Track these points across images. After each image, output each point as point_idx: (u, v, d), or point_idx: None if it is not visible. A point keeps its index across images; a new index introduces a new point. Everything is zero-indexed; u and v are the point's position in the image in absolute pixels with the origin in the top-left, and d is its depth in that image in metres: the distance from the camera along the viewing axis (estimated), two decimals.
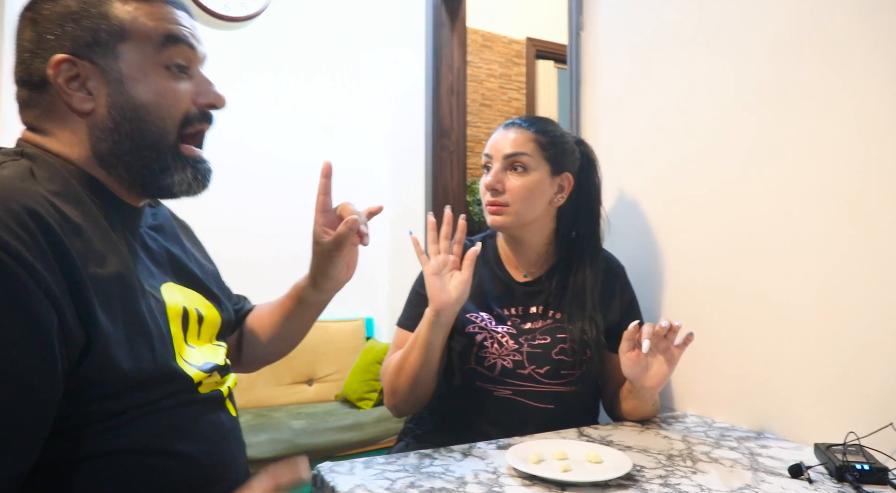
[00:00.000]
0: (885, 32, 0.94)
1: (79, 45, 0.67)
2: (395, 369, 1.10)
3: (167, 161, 0.71)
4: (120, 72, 0.68)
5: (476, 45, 3.57)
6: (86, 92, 0.67)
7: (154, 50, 0.69)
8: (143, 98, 0.69)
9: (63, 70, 0.66)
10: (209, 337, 0.81)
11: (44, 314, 0.57)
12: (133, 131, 0.69)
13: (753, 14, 1.15)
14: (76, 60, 0.66)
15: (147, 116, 0.69)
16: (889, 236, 0.94)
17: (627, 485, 0.82)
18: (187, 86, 0.72)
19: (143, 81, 0.68)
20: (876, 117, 0.96)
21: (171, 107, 0.70)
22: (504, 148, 1.14)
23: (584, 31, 1.56)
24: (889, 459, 0.87)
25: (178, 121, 0.71)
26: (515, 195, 1.13)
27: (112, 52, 0.67)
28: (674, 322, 0.97)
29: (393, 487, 0.79)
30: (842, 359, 1.00)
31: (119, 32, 0.68)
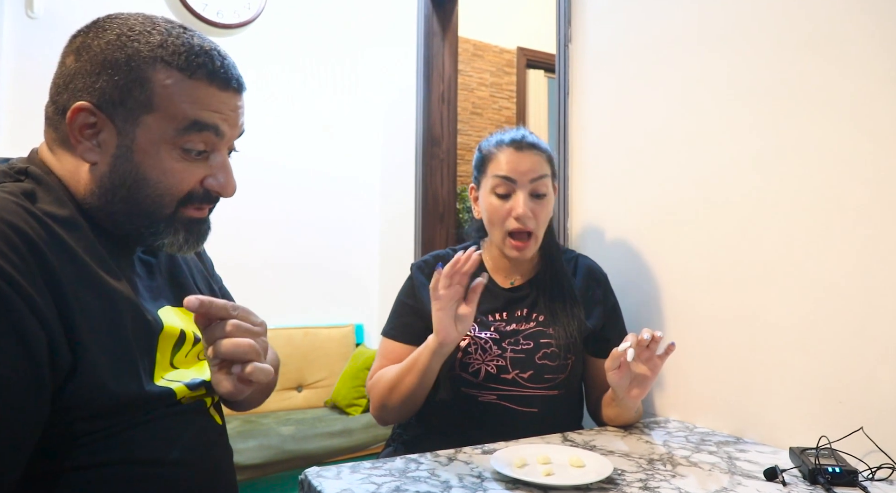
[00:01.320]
0: (888, 32, 0.95)
1: (106, 99, 0.66)
2: (388, 387, 1.11)
3: (159, 228, 0.71)
4: (133, 140, 0.67)
5: (467, 54, 3.61)
6: (95, 144, 0.67)
7: (175, 131, 0.68)
8: (147, 173, 0.68)
9: (81, 116, 0.66)
10: (198, 354, 0.81)
11: (33, 334, 0.57)
12: (128, 198, 0.68)
13: (746, 21, 1.17)
14: (97, 113, 0.66)
15: (146, 189, 0.68)
16: (862, 246, 0.97)
17: (608, 488, 0.84)
18: (201, 168, 0.72)
19: (152, 156, 0.68)
20: (878, 124, 0.97)
21: (174, 186, 0.70)
22: (528, 172, 1.14)
23: (573, 43, 1.59)
24: (859, 462, 0.90)
25: (178, 198, 0.71)
26: (541, 222, 1.16)
27: (134, 120, 0.67)
28: (656, 333, 0.99)
29: (379, 491, 0.81)
30: (817, 367, 1.03)
31: (147, 104, 0.67)
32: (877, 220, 0.96)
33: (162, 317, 0.74)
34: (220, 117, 0.71)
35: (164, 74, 0.67)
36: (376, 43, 2.87)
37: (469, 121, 3.65)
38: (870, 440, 0.92)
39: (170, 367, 0.74)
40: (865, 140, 0.98)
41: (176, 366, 0.75)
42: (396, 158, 2.73)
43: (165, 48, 0.67)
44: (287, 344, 2.49)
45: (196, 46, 0.69)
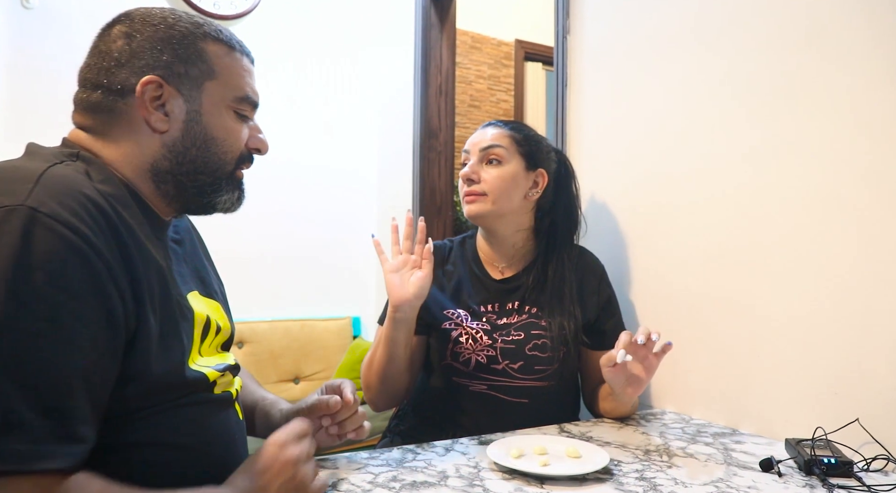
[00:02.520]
0: (885, 28, 0.95)
1: (171, 72, 0.73)
2: (366, 366, 1.16)
3: (221, 185, 0.78)
4: (200, 104, 0.75)
5: (465, 46, 3.59)
6: (164, 113, 0.73)
7: (232, 97, 0.77)
8: (215, 132, 0.76)
9: (150, 89, 0.71)
10: (217, 346, 0.83)
11: (113, 301, 0.60)
12: (197, 157, 0.75)
13: (744, 16, 1.16)
14: (164, 84, 0.72)
15: (214, 148, 0.76)
16: (859, 239, 0.98)
17: (604, 479, 0.84)
18: (245, 129, 0.80)
19: (217, 117, 0.76)
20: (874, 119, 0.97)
21: (233, 144, 0.78)
22: (481, 143, 1.20)
23: (571, 34, 1.59)
24: (855, 453, 0.91)
25: (236, 157, 0.79)
26: (491, 185, 1.18)
27: (199, 87, 0.75)
28: (651, 334, 0.98)
29: (375, 481, 0.81)
30: (813, 359, 1.03)
31: (209, 72, 0.75)
32: (873, 213, 0.96)
33: (192, 302, 0.76)
34: (255, 89, 0.81)
35: (214, 47, 0.76)
36: (374, 36, 2.85)
37: (467, 114, 3.64)
38: (865, 432, 0.92)
39: (198, 354, 0.76)
40: (861, 134, 0.98)
41: (202, 354, 0.77)
42: (394, 150, 2.72)
43: (208, 27, 0.77)
44: (284, 336, 2.49)
45: (223, 28, 0.79)
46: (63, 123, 0.78)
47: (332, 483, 0.80)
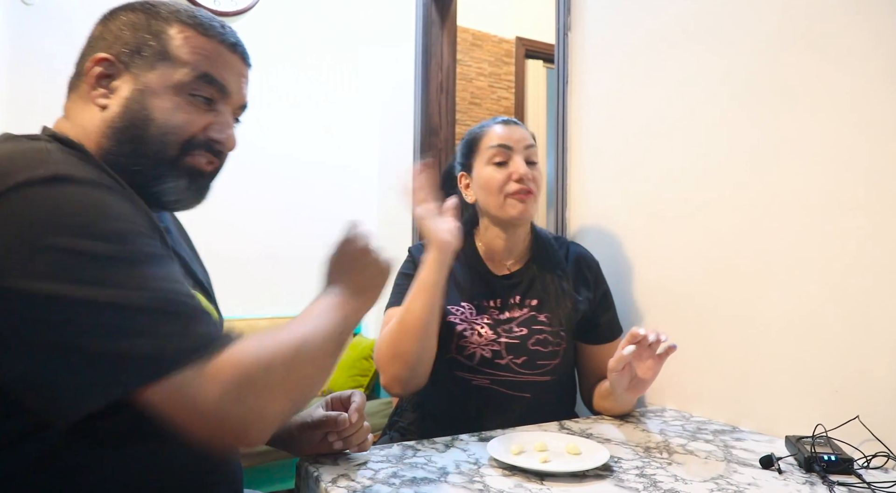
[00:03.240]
0: (885, 29, 0.95)
1: (125, 50, 0.72)
2: (397, 330, 1.04)
3: (163, 170, 0.73)
4: (147, 84, 0.72)
5: (466, 43, 3.59)
6: (109, 90, 0.72)
7: (186, 79, 0.73)
8: (154, 113, 0.72)
9: (101, 66, 0.72)
10: None
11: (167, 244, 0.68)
12: (135, 138, 0.72)
13: (746, 14, 1.16)
14: (113, 60, 0.72)
15: (152, 129, 0.72)
16: (858, 238, 0.97)
17: (605, 475, 0.84)
18: (206, 116, 0.75)
19: (161, 98, 0.72)
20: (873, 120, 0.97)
21: (178, 127, 0.73)
22: (521, 140, 1.19)
23: (572, 31, 1.58)
24: (855, 450, 0.91)
25: (182, 140, 0.73)
26: (538, 184, 1.19)
27: (149, 67, 0.72)
28: (661, 335, 0.98)
29: (376, 477, 0.81)
30: (813, 357, 1.03)
31: (162, 53, 0.72)
32: (872, 213, 0.96)
33: None
34: (228, 77, 0.76)
35: (179, 29, 0.73)
36: (374, 33, 2.85)
37: (467, 111, 3.63)
38: (866, 429, 0.92)
39: None
40: (861, 135, 0.98)
41: None
42: (394, 148, 2.72)
43: (185, 12, 0.75)
44: None
45: (211, 17, 0.77)
46: None
47: (331, 479, 0.80)
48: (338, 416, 0.84)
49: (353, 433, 0.86)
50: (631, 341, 0.98)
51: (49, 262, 0.55)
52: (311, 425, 0.85)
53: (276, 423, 0.62)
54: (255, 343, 0.62)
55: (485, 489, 0.78)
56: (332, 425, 0.84)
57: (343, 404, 0.90)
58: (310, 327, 0.68)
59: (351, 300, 0.76)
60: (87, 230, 0.57)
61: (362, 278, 0.79)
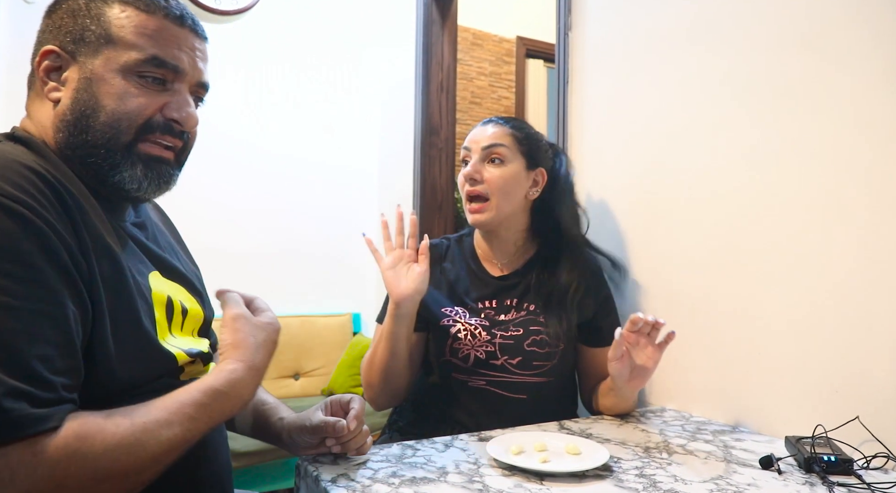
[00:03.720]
0: (885, 29, 0.95)
1: (68, 39, 0.70)
2: (368, 364, 1.15)
3: (117, 159, 0.71)
4: (93, 71, 0.70)
5: (466, 43, 3.59)
6: (60, 82, 0.71)
7: (133, 62, 0.70)
8: (103, 100, 0.69)
9: (48, 59, 0.71)
10: (192, 331, 0.82)
11: (69, 265, 0.60)
12: (87, 128, 0.69)
13: (746, 14, 1.16)
14: (60, 53, 0.70)
15: (102, 116, 0.69)
16: (858, 238, 0.97)
17: (604, 475, 0.84)
18: (160, 97, 0.72)
19: (109, 84, 0.70)
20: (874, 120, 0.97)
21: (130, 112, 0.70)
22: (482, 140, 1.18)
23: (573, 31, 1.58)
24: (855, 451, 0.91)
25: (137, 126, 0.71)
26: (493, 186, 1.16)
27: (95, 52, 0.70)
28: (659, 320, 0.98)
29: (375, 476, 0.81)
30: (813, 357, 1.03)
31: (105, 37, 0.70)
32: (874, 213, 0.95)
33: (151, 281, 0.75)
34: (178, 54, 0.73)
35: (119, 9, 0.71)
36: (375, 32, 2.85)
37: (468, 110, 3.63)
38: (865, 430, 0.92)
39: (168, 332, 0.75)
40: (861, 135, 0.97)
41: (173, 333, 0.76)
42: (395, 147, 2.72)
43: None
44: (284, 332, 2.45)
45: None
46: None
47: (331, 479, 0.80)
48: (336, 423, 0.83)
49: (352, 438, 0.85)
50: (631, 328, 0.98)
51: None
52: (309, 429, 0.85)
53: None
54: (62, 442, 0.55)
55: (484, 489, 0.78)
56: (330, 431, 0.83)
57: (343, 408, 0.89)
58: (158, 427, 0.61)
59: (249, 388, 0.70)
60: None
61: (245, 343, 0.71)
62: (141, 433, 0.59)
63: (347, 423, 0.83)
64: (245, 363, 0.69)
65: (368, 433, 0.89)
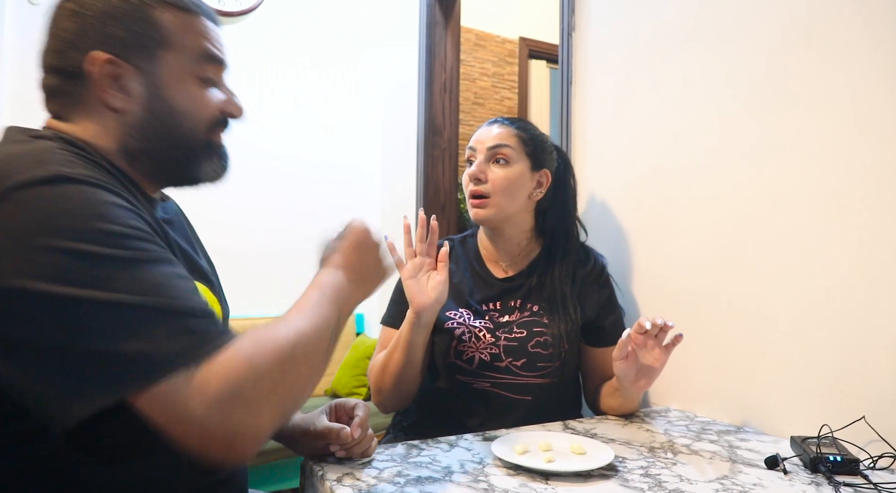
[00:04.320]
0: (884, 29, 0.95)
1: (121, 45, 0.69)
2: (380, 369, 1.13)
3: (197, 154, 0.75)
4: (159, 77, 0.71)
5: (469, 43, 3.59)
6: (122, 91, 0.70)
7: (191, 62, 0.73)
8: (179, 104, 0.72)
9: (104, 68, 0.68)
10: None
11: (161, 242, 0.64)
12: (166, 133, 0.72)
13: (749, 15, 1.16)
14: (117, 60, 0.69)
15: (180, 120, 0.73)
16: (863, 237, 0.97)
17: (609, 475, 0.84)
18: (215, 93, 0.77)
19: (179, 88, 0.72)
20: (874, 119, 0.97)
21: (203, 112, 0.75)
22: (487, 140, 1.18)
23: (576, 32, 1.58)
24: (861, 451, 0.90)
25: (207, 125, 0.76)
26: (497, 186, 1.16)
27: (153, 57, 0.71)
28: (668, 322, 0.97)
29: (380, 476, 0.81)
30: (819, 356, 1.03)
31: (161, 40, 0.71)
32: (878, 210, 0.95)
33: None
34: (219, 47, 0.77)
35: (167, 14, 0.72)
36: (378, 33, 2.85)
37: (471, 111, 3.64)
38: (871, 429, 0.92)
39: None
40: (861, 134, 0.97)
41: None
42: (398, 147, 2.72)
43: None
44: None
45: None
46: None
47: (336, 478, 0.80)
48: (340, 430, 0.83)
49: (356, 444, 0.85)
50: (638, 331, 0.97)
51: (44, 262, 0.54)
52: (313, 434, 0.84)
53: (265, 435, 0.59)
54: (249, 346, 0.59)
55: (490, 489, 0.78)
56: (334, 438, 0.83)
57: (347, 413, 0.88)
58: (306, 323, 0.66)
59: (348, 289, 0.75)
60: (83, 231, 0.56)
61: (364, 268, 0.79)
62: (301, 323, 0.65)
63: (352, 430, 0.83)
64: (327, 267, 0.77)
65: (373, 437, 0.89)
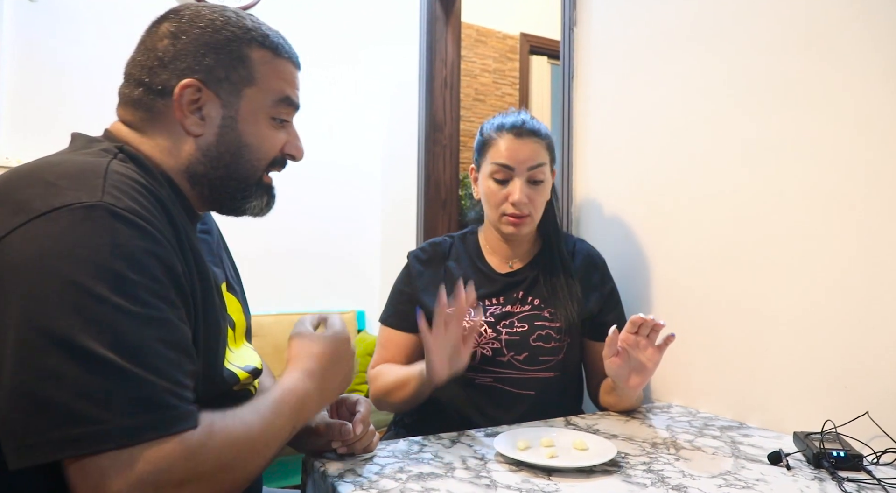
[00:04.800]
0: (882, 27, 0.95)
1: (211, 76, 0.73)
2: (384, 391, 1.11)
3: (251, 191, 0.79)
4: (238, 110, 0.74)
5: (470, 39, 3.58)
6: (200, 117, 0.73)
7: (270, 103, 0.76)
8: (249, 139, 0.76)
9: (188, 92, 0.71)
10: (241, 338, 0.84)
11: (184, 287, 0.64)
12: (231, 163, 0.75)
13: (748, 12, 1.16)
14: (203, 88, 0.72)
15: (247, 155, 0.76)
16: (865, 233, 0.97)
17: (612, 471, 0.84)
18: (283, 134, 0.80)
19: (253, 124, 0.76)
20: (873, 117, 0.97)
21: (267, 151, 0.78)
22: (526, 161, 1.14)
23: (577, 27, 1.58)
24: (864, 446, 0.90)
25: (268, 162, 0.79)
26: (538, 206, 1.17)
27: (238, 93, 0.74)
28: (659, 321, 0.97)
29: (382, 472, 0.81)
30: (822, 352, 1.02)
31: (249, 78, 0.75)
32: (879, 206, 0.95)
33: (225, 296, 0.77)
34: (298, 94, 0.80)
35: (259, 53, 0.75)
36: (379, 29, 2.84)
37: (472, 107, 3.63)
38: (875, 425, 0.91)
39: (230, 351, 0.76)
40: (863, 129, 0.97)
41: (230, 348, 0.78)
42: (398, 144, 2.71)
43: (256, 31, 0.76)
44: (289, 330, 2.45)
45: (272, 30, 0.79)
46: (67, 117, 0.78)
47: (338, 475, 0.80)
48: (342, 426, 0.83)
49: (358, 440, 0.85)
50: (631, 330, 0.98)
51: (46, 287, 0.54)
52: (315, 430, 0.85)
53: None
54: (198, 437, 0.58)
55: (492, 485, 0.78)
56: (335, 435, 0.84)
57: (349, 409, 0.89)
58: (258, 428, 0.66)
59: (313, 399, 0.75)
60: (96, 267, 0.55)
61: (334, 380, 0.78)
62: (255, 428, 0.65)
63: (353, 427, 0.84)
64: (300, 372, 0.75)
65: (374, 433, 0.89)
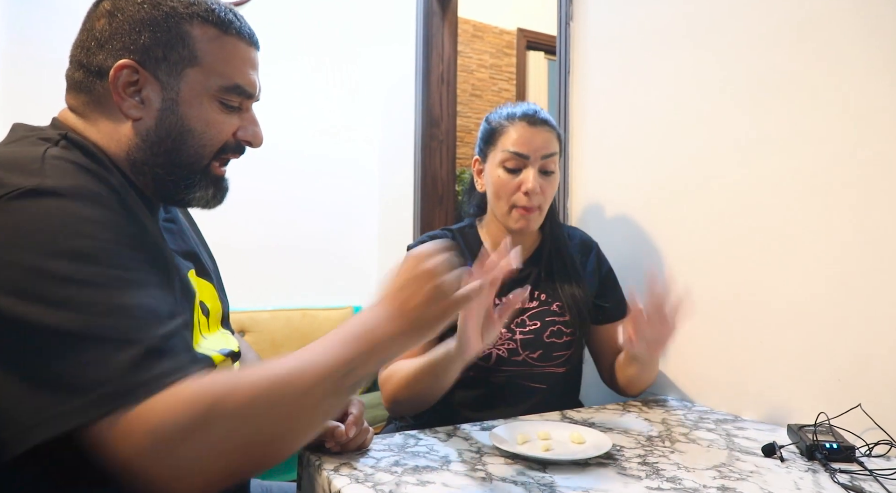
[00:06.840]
0: (878, 22, 0.96)
1: (148, 56, 0.68)
2: (402, 385, 1.02)
3: (194, 179, 0.73)
4: (178, 93, 0.69)
5: (467, 35, 3.57)
6: (139, 100, 0.69)
7: (217, 87, 0.71)
8: (192, 124, 0.70)
9: (124, 74, 0.67)
10: (216, 324, 0.83)
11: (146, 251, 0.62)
12: (172, 149, 0.70)
13: (744, 6, 1.16)
14: (140, 69, 0.68)
15: (190, 140, 0.71)
16: (858, 226, 0.97)
17: (607, 464, 0.84)
18: (234, 120, 0.74)
19: (196, 108, 0.70)
20: (868, 111, 0.97)
21: (214, 136, 0.72)
22: (541, 149, 1.12)
23: (574, 21, 1.57)
24: (857, 438, 0.91)
25: (216, 149, 0.73)
26: (547, 198, 1.15)
27: (177, 74, 0.69)
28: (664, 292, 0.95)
29: (378, 465, 0.81)
30: (815, 345, 1.03)
31: (190, 58, 0.69)
32: (876, 201, 0.95)
33: (192, 282, 0.75)
34: (253, 78, 0.74)
35: (202, 30, 0.70)
36: (375, 24, 2.84)
37: (468, 103, 3.63)
38: (868, 417, 0.92)
39: (199, 334, 0.75)
40: (861, 123, 0.97)
41: (203, 334, 0.76)
42: (395, 139, 2.71)
43: (199, 5, 0.70)
44: (286, 325, 2.49)
45: (222, 4, 0.73)
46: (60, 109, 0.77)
47: (333, 468, 0.80)
48: (335, 428, 0.81)
49: (350, 441, 0.84)
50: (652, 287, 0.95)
51: (8, 278, 0.52)
52: None
53: (219, 481, 0.54)
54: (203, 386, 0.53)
55: (487, 478, 0.78)
56: (328, 436, 0.82)
57: (342, 410, 0.86)
58: (305, 361, 0.58)
59: (385, 325, 0.63)
60: (52, 248, 0.53)
61: (410, 302, 0.64)
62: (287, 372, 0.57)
63: (346, 428, 0.82)
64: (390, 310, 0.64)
65: (368, 431, 0.88)
